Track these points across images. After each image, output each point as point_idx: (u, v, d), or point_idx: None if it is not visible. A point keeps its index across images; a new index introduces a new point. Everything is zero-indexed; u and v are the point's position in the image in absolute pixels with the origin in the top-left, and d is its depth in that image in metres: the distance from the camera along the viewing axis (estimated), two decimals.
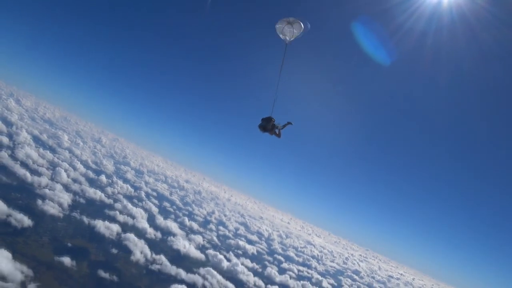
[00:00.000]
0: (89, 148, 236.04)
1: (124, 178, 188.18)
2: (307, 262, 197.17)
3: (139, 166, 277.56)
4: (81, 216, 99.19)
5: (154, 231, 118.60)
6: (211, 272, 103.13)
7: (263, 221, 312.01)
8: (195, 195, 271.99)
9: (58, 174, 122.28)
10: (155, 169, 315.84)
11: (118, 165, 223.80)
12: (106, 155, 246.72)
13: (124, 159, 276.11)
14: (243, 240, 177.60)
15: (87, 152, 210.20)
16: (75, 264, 73.16)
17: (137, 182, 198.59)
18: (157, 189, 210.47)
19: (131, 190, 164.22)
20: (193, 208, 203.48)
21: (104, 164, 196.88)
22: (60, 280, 65.75)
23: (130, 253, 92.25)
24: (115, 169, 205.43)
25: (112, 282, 75.15)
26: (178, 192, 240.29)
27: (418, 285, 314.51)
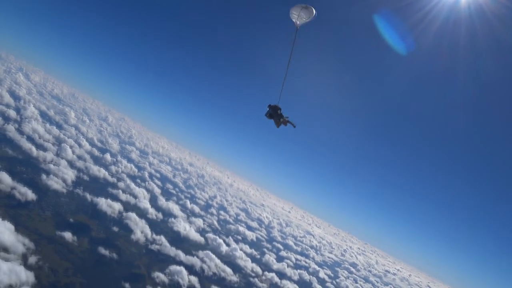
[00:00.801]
0: (95, 126, 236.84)
1: (128, 158, 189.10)
2: (306, 252, 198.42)
3: (144, 146, 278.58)
4: (84, 193, 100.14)
5: (156, 212, 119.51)
6: (209, 255, 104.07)
7: (264, 209, 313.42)
8: (198, 178, 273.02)
9: (63, 150, 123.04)
10: (160, 151, 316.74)
11: (123, 145, 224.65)
12: (112, 134, 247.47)
13: (129, 139, 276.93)
14: (243, 226, 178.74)
15: (93, 130, 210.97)
16: (76, 239, 74.11)
17: (141, 163, 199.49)
18: (161, 170, 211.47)
19: (135, 170, 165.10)
20: (195, 192, 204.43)
21: (109, 143, 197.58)
22: (60, 255, 66.70)
23: (130, 232, 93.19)
24: (120, 148, 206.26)
25: (111, 259, 76.12)
26: (182, 175, 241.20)
27: (414, 281, 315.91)
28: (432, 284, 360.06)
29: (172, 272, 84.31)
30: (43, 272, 58.63)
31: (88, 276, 65.46)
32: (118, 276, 71.80)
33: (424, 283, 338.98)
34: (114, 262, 75.82)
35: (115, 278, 70.78)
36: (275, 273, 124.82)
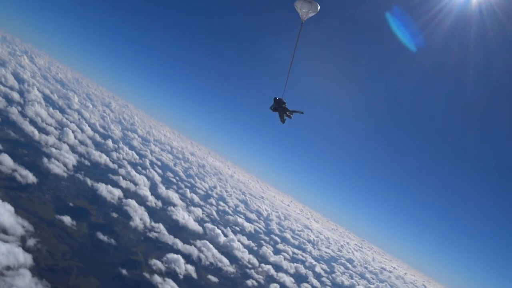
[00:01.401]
0: (98, 111, 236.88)
1: (130, 145, 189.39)
2: (303, 246, 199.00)
3: (146, 134, 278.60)
4: (85, 178, 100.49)
5: (155, 200, 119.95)
6: (207, 245, 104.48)
7: (264, 201, 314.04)
8: (198, 168, 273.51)
9: (65, 134, 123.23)
10: (162, 139, 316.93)
11: (126, 132, 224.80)
12: (114, 120, 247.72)
13: (132, 126, 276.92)
14: (242, 217, 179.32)
15: (96, 115, 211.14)
16: (75, 224, 74.47)
17: (143, 150, 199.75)
18: (162, 158, 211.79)
19: (136, 157, 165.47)
20: (196, 181, 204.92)
21: (111, 129, 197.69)
22: (59, 238, 67.09)
23: (129, 219, 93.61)
24: (122, 135, 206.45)
25: (109, 245, 76.54)
26: (182, 164, 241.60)
27: (410, 280, 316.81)
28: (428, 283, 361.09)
29: (169, 260, 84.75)
30: (41, 255, 59.03)
31: (86, 260, 65.87)
32: (116, 262, 72.27)
33: (419, 282, 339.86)
34: (112, 248, 76.26)
35: (113, 264, 71.25)
36: (271, 265, 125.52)
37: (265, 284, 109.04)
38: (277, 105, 21.80)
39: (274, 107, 21.94)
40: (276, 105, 21.83)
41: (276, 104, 21.85)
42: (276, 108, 21.93)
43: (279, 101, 21.88)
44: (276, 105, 21.81)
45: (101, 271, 66.73)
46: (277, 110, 22.04)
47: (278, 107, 21.82)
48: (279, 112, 22.07)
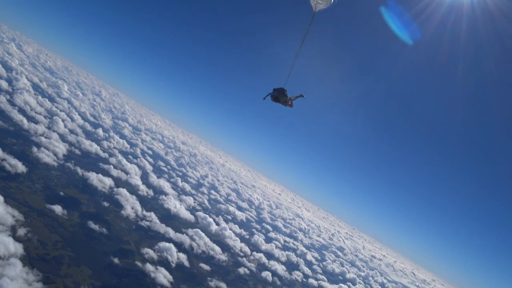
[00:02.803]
0: (89, 100, 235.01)
1: (121, 134, 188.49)
2: (294, 234, 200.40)
3: (137, 123, 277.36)
4: (75, 167, 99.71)
5: (147, 189, 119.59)
6: (199, 233, 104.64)
7: (255, 190, 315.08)
8: (190, 157, 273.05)
9: (55, 123, 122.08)
10: (153, 128, 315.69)
11: (116, 120, 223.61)
12: (105, 109, 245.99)
13: (122, 114, 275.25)
14: (234, 206, 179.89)
15: (86, 104, 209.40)
16: (66, 213, 74.02)
17: (134, 139, 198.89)
18: (153, 147, 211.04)
19: (127, 146, 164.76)
20: (187, 170, 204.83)
21: (102, 118, 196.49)
22: (50, 228, 66.68)
23: (121, 208, 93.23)
24: (113, 124, 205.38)
25: (101, 234, 76.22)
26: (174, 153, 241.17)
27: (399, 267, 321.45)
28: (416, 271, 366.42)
29: (161, 248, 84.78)
30: (32, 244, 58.65)
31: (77, 250, 65.62)
32: (107, 251, 72.08)
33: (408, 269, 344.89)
34: (103, 237, 75.99)
35: (104, 253, 71.06)
36: (263, 253, 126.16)
37: (257, 272, 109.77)
38: (278, 94, 21.76)
39: (274, 96, 21.89)
40: (277, 93, 21.77)
41: (277, 93, 21.79)
42: (277, 97, 21.88)
43: (280, 90, 21.80)
44: (277, 93, 21.77)
45: (93, 260, 66.55)
46: (277, 99, 21.99)
47: (280, 96, 21.79)
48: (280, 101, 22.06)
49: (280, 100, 21.94)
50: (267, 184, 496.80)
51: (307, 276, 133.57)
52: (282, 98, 21.82)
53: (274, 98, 21.99)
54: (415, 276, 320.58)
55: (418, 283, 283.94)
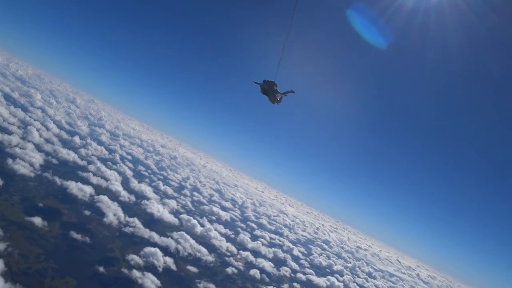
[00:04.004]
0: (63, 108, 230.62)
1: (98, 140, 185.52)
2: (279, 230, 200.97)
3: (114, 128, 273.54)
4: (53, 177, 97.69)
5: (128, 194, 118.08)
6: (184, 236, 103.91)
7: (238, 189, 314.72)
8: (170, 160, 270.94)
9: (29, 133, 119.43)
10: (131, 133, 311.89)
11: (93, 127, 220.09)
12: (80, 116, 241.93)
13: (99, 121, 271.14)
14: (217, 206, 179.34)
15: (61, 112, 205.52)
16: (47, 224, 72.46)
17: (112, 145, 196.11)
18: (132, 152, 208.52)
19: (106, 152, 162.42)
20: (168, 173, 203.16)
21: (78, 125, 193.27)
22: (31, 240, 65.12)
23: (103, 215, 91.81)
24: (90, 130, 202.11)
25: (84, 243, 74.88)
26: (154, 157, 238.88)
27: (384, 256, 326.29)
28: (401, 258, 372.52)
29: (147, 254, 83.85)
30: (13, 259, 57.14)
31: (61, 261, 64.27)
32: (92, 260, 70.82)
33: (393, 257, 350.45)
34: (87, 246, 74.66)
35: (89, 262, 69.79)
36: (250, 251, 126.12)
37: (244, 270, 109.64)
38: (267, 87, 21.07)
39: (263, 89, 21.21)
40: (266, 86, 21.07)
41: (266, 85, 21.07)
42: (266, 91, 21.22)
43: (270, 83, 21.04)
44: (267, 86, 21.05)
45: (78, 270, 65.25)
46: (267, 93, 21.33)
47: (269, 90, 21.13)
48: (269, 95, 21.39)
49: (269, 94, 21.39)
50: (250, 183, 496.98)
51: (295, 271, 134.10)
52: (271, 93, 21.27)
53: (264, 90, 21.38)
54: (400, 263, 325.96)
55: (404, 270, 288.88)
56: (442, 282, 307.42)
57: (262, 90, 21.30)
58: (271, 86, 21.08)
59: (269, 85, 21.09)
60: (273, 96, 21.23)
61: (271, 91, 21.16)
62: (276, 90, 21.22)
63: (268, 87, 21.07)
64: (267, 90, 21.15)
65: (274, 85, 21.11)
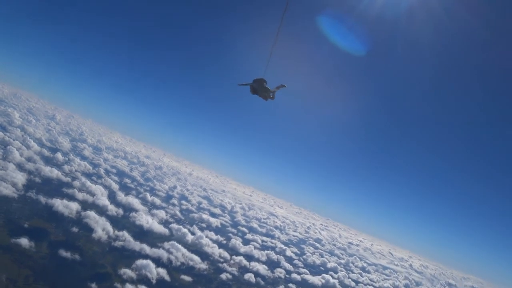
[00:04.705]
0: (43, 125, 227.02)
1: (81, 156, 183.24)
2: (271, 233, 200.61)
3: (96, 143, 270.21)
4: (38, 196, 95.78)
5: (116, 208, 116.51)
6: (175, 246, 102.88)
7: (226, 194, 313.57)
8: (156, 170, 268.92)
9: (10, 153, 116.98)
10: (114, 146, 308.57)
11: (75, 142, 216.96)
12: (61, 132, 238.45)
13: (80, 136, 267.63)
14: (207, 213, 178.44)
15: (40, 129, 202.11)
16: (34, 245, 70.87)
17: (96, 159, 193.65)
18: (117, 165, 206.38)
19: (90, 167, 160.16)
20: (155, 184, 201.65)
21: (59, 142, 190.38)
22: (18, 263, 63.55)
23: (91, 231, 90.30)
24: (72, 146, 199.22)
25: (74, 261, 73.47)
26: (139, 168, 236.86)
27: (377, 250, 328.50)
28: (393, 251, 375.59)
29: (139, 266, 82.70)
30: (1, 283, 55.67)
31: (51, 281, 62.91)
32: (83, 277, 69.52)
33: (385, 250, 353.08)
34: (77, 264, 73.25)
35: (80, 280, 68.46)
36: (243, 256, 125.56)
37: (239, 275, 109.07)
38: (257, 85, 20.48)
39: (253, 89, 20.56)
40: (256, 84, 20.48)
41: (256, 84, 20.53)
42: (256, 90, 20.63)
43: (259, 81, 20.41)
44: (256, 84, 20.48)
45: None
46: (256, 92, 20.76)
47: (259, 88, 20.56)
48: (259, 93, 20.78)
49: (259, 92, 20.77)
50: (237, 187, 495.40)
51: (289, 272, 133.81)
52: (261, 90, 20.62)
53: (253, 90, 20.73)
54: (392, 255, 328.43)
55: (396, 262, 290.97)
56: (435, 270, 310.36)
57: (252, 90, 20.67)
58: (261, 83, 20.57)
59: (259, 82, 20.58)
60: (264, 93, 20.72)
61: (261, 89, 20.65)
62: (266, 87, 20.73)
63: (258, 85, 20.56)
64: (257, 89, 20.61)
65: (263, 81, 20.59)
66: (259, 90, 20.71)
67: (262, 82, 20.54)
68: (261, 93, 20.82)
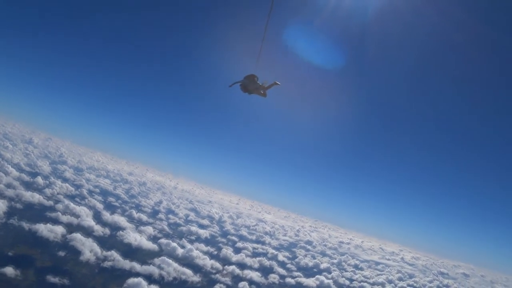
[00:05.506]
0: (20, 150, 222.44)
1: (62, 178, 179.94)
2: (261, 239, 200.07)
3: (77, 163, 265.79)
4: (20, 222, 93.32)
5: (102, 228, 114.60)
6: (166, 261, 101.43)
7: (212, 205, 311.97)
8: (140, 186, 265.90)
9: None
10: (95, 165, 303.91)
11: (55, 165, 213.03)
12: (40, 155, 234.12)
13: (60, 158, 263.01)
14: (195, 225, 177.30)
15: (18, 154, 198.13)
16: (20, 273, 68.92)
17: (77, 180, 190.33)
18: (100, 184, 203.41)
19: (72, 189, 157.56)
20: (140, 200, 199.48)
21: (39, 166, 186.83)
22: None
23: (78, 254, 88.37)
24: (52, 169, 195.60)
25: (63, 285, 71.77)
26: (122, 186, 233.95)
27: (367, 246, 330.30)
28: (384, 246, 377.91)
29: (131, 285, 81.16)
30: None
31: None
32: None
33: (376, 246, 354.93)
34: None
35: None
36: (235, 265, 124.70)
37: (233, 285, 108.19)
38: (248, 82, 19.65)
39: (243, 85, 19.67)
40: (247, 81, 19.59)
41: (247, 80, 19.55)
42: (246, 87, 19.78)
43: (250, 77, 19.57)
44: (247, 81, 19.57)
45: None
46: (247, 89, 19.87)
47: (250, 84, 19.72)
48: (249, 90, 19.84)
49: (250, 88, 19.76)
50: (223, 197, 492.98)
51: (283, 276, 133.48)
52: (252, 86, 19.65)
53: (244, 87, 19.73)
54: (383, 250, 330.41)
55: (388, 256, 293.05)
56: (426, 261, 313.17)
57: (243, 88, 19.78)
58: (252, 79, 19.78)
59: (250, 79, 19.76)
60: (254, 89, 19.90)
61: (252, 85, 19.79)
62: (257, 83, 19.92)
63: (249, 82, 19.72)
64: (248, 85, 19.82)
65: (254, 77, 19.81)
66: (250, 87, 19.89)
67: (253, 78, 19.80)
68: (252, 90, 20.00)
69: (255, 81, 19.86)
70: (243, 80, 19.89)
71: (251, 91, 20.12)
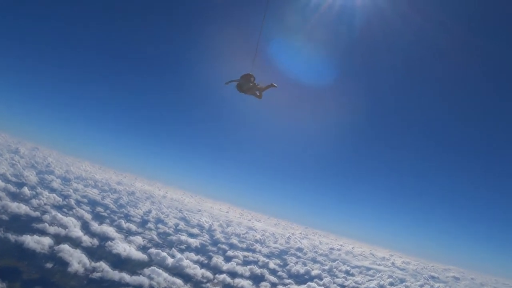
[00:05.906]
0: (6, 160, 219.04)
1: (50, 188, 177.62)
2: (251, 247, 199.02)
3: (65, 173, 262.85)
4: (6, 234, 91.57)
5: (90, 239, 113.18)
6: (156, 271, 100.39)
7: (202, 214, 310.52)
8: (128, 196, 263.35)
9: None
10: (83, 175, 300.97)
11: (42, 175, 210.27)
12: (26, 166, 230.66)
13: (47, 168, 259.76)
14: (185, 234, 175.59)
15: (4, 165, 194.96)
16: (6, 286, 67.60)
17: (65, 190, 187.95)
18: (88, 194, 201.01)
19: (59, 199, 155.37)
20: (129, 210, 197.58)
21: (25, 176, 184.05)
22: None
23: (66, 265, 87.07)
24: (39, 179, 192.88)
25: None
26: (111, 195, 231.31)
27: (358, 252, 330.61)
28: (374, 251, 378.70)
29: None
30: None
31: None
32: None
33: (367, 251, 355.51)
34: None
35: None
36: (226, 274, 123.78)
37: None
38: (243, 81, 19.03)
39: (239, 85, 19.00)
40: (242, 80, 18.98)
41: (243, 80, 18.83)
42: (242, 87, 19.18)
43: (246, 77, 18.92)
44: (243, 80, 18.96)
45: None
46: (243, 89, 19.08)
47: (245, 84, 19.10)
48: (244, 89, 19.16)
49: (245, 88, 19.05)
50: (213, 205, 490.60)
51: (274, 284, 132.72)
52: (247, 86, 18.94)
53: (240, 88, 18.97)
54: (374, 256, 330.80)
55: (378, 261, 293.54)
56: (417, 266, 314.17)
57: (238, 88, 19.12)
58: (247, 79, 19.14)
59: (245, 78, 19.14)
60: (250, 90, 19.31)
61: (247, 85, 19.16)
62: (252, 82, 19.28)
63: (244, 82, 19.10)
64: (243, 86, 19.18)
65: (250, 77, 19.17)
66: (245, 87, 19.28)
67: (249, 77, 19.16)
68: (247, 90, 19.37)
69: (251, 81, 19.29)
70: (239, 79, 19.33)
71: (246, 91, 19.54)
